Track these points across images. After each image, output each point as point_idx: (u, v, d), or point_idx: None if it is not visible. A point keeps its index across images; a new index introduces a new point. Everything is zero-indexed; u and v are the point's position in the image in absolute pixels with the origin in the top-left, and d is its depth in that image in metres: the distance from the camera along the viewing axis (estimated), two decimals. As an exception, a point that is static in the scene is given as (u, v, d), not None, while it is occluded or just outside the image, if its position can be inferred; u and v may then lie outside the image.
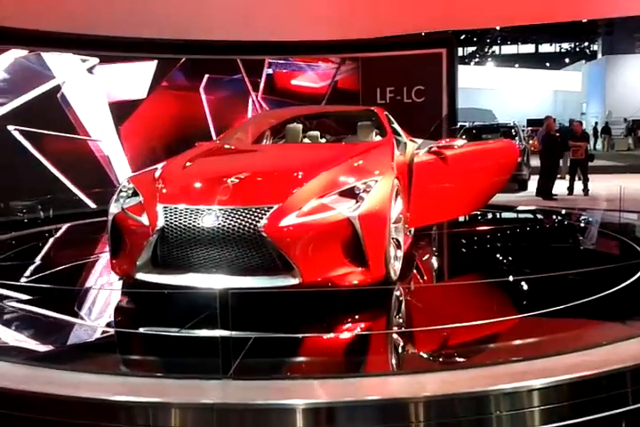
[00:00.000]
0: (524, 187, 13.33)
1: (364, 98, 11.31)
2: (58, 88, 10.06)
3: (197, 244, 3.94)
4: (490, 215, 8.60)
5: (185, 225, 3.96)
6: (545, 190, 11.93)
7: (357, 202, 4.03)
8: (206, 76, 11.50)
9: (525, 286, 4.62)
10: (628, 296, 4.23)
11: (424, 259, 5.81)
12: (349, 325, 3.98)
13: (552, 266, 5.13)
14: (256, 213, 3.91)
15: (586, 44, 49.69)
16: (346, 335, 3.74)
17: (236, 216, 3.91)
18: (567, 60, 48.72)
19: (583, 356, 3.14)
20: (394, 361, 3.32)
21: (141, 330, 3.89)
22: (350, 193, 4.10)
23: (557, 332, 3.60)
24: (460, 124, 14.05)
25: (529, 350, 3.26)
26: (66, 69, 10.21)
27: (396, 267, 4.43)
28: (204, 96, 11.54)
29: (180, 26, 9.99)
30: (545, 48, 52.81)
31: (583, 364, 3.02)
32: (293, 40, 11.15)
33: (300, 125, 6.06)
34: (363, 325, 4.01)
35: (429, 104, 11.35)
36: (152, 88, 10.99)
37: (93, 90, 10.53)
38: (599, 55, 41.85)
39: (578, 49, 50.92)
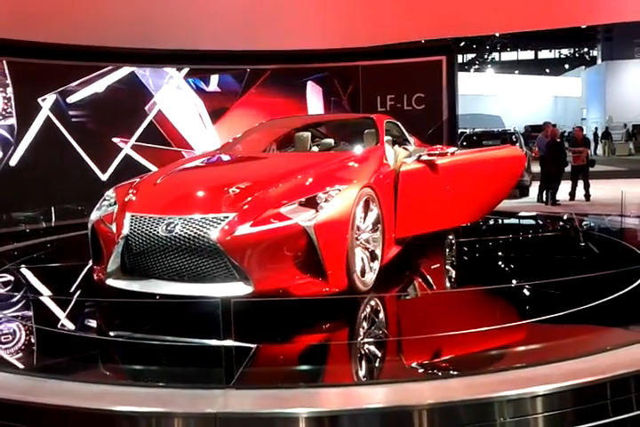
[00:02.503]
0: (525, 193, 13.34)
1: (365, 106, 11.33)
2: (158, 102, 10.89)
3: (158, 252, 4.05)
4: (493, 222, 8.58)
5: (147, 233, 4.08)
6: (549, 196, 11.98)
7: (317, 212, 4.01)
8: (309, 82, 11.72)
9: (528, 293, 4.61)
10: (630, 302, 4.22)
11: (432, 267, 5.77)
12: (351, 333, 3.97)
13: (554, 272, 5.12)
14: (211, 223, 3.96)
15: (585, 49, 49.78)
16: (347, 343, 3.72)
17: (193, 225, 3.98)
18: (567, 66, 48.79)
19: (587, 362, 3.14)
20: (396, 369, 3.30)
21: (144, 340, 3.88)
22: (311, 203, 4.07)
23: (560, 338, 3.60)
24: (460, 130, 14.06)
25: (532, 357, 3.25)
26: (165, 84, 11.02)
27: (367, 278, 4.39)
28: (309, 101, 11.70)
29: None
30: (544, 54, 52.92)
31: (587, 370, 3.02)
32: (293, 49, 11.18)
33: (309, 133, 6.02)
34: (364, 332, 3.99)
35: (430, 111, 11.35)
36: (244, 96, 11.43)
37: (191, 102, 11.21)
38: (599, 61, 41.89)
39: (577, 55, 51.01)
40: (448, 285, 5.25)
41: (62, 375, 3.19)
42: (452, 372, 3.16)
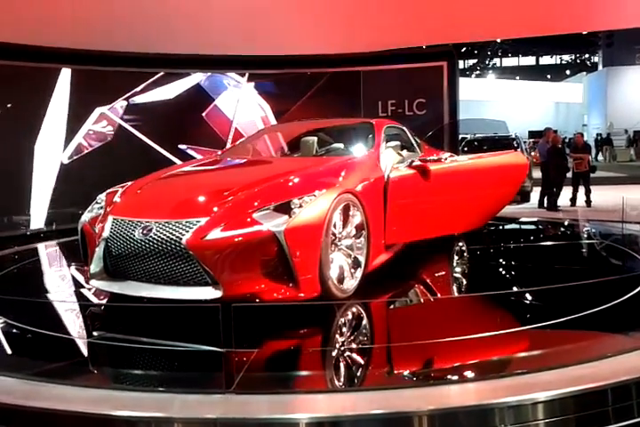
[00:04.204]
0: (526, 198, 13.33)
1: (366, 111, 11.33)
2: (219, 105, 11.14)
3: (134, 254, 4.12)
4: (495, 228, 8.54)
5: (124, 236, 4.17)
6: (549, 202, 11.99)
7: (290, 217, 3.99)
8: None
9: (529, 299, 4.60)
10: (632, 308, 4.22)
11: (438, 274, 5.73)
12: (350, 338, 3.96)
13: (556, 278, 5.11)
14: (184, 227, 4.00)
15: (586, 55, 49.90)
16: (348, 349, 3.72)
17: (167, 229, 4.03)
18: (568, 72, 48.89)
19: (588, 368, 3.13)
20: (398, 375, 3.30)
21: (143, 344, 3.87)
22: (285, 208, 4.05)
23: (562, 344, 3.59)
24: (461, 136, 14.05)
25: (533, 363, 3.25)
26: (226, 88, 11.30)
27: (346, 284, 4.35)
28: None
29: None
30: (546, 60, 53.00)
31: (588, 376, 3.01)
32: (293, 54, 11.20)
33: (315, 138, 5.96)
34: (365, 338, 3.99)
35: (431, 117, 11.36)
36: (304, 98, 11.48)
37: (256, 106, 11.41)
38: (600, 67, 41.96)
39: (579, 61, 51.13)
40: (453, 291, 5.21)
41: (62, 380, 3.18)
42: (452, 378, 3.15)
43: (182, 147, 10.65)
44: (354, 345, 3.79)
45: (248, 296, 3.88)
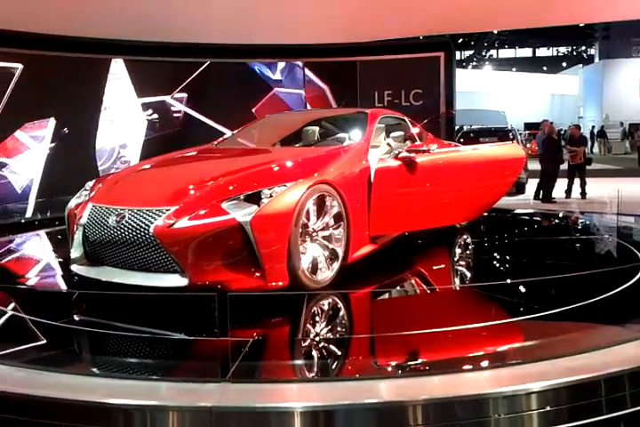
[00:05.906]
0: (521, 190, 13.35)
1: (362, 101, 11.32)
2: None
3: (108, 241, 4.19)
4: (489, 220, 8.54)
5: (99, 223, 4.25)
6: (545, 194, 12.01)
7: (258, 207, 3.98)
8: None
9: (523, 290, 4.62)
10: (626, 299, 4.23)
11: (437, 267, 5.69)
12: (345, 328, 3.97)
13: (549, 270, 5.11)
14: (153, 215, 4.04)
15: (583, 48, 49.90)
16: (343, 338, 3.73)
17: (138, 217, 4.08)
18: (564, 64, 48.81)
19: (582, 359, 3.14)
20: (392, 365, 3.31)
21: (139, 333, 3.87)
22: (255, 198, 4.05)
23: (556, 335, 3.60)
24: (457, 127, 14.06)
25: (528, 353, 3.26)
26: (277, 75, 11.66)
27: (320, 275, 4.32)
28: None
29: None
30: (542, 52, 52.94)
31: (582, 367, 3.02)
32: (291, 44, 11.17)
33: (316, 128, 5.92)
34: (360, 328, 4.00)
35: (427, 107, 11.35)
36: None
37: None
38: (596, 59, 41.98)
39: (575, 53, 51.11)
40: (455, 282, 5.19)
41: (56, 367, 3.18)
42: (447, 368, 3.16)
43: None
44: (349, 335, 3.79)
45: (214, 285, 3.87)
